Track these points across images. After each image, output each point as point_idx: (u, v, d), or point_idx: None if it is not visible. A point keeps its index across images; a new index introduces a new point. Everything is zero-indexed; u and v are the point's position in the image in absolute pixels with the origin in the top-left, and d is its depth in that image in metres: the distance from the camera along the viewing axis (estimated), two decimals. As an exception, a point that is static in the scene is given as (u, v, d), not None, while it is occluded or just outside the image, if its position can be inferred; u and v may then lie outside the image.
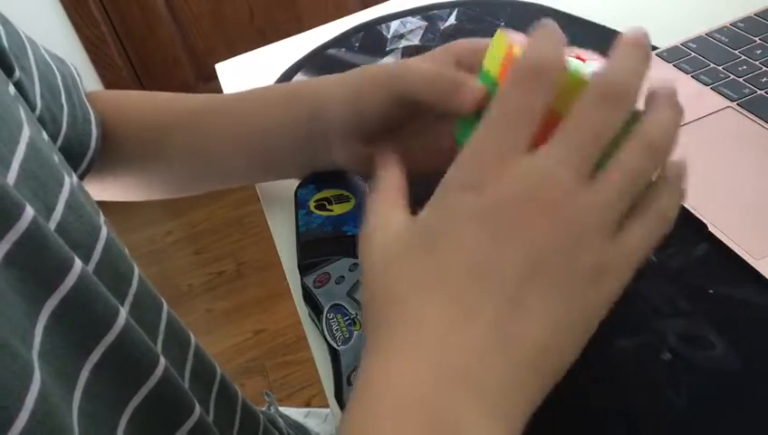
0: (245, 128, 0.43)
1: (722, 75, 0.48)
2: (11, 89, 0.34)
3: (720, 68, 0.48)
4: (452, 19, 0.65)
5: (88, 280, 0.28)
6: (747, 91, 0.46)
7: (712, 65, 0.49)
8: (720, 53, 0.50)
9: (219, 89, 0.62)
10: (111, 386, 0.29)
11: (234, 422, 0.42)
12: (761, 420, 0.30)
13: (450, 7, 0.67)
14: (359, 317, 0.35)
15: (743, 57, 0.49)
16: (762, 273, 0.35)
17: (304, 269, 0.39)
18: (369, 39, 0.65)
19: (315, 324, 0.38)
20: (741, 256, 0.36)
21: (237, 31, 1.95)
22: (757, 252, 0.36)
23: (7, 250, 0.25)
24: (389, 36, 0.64)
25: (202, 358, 0.40)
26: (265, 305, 1.60)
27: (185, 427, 0.34)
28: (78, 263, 0.28)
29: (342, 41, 0.65)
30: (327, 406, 0.40)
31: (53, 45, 0.46)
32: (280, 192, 0.48)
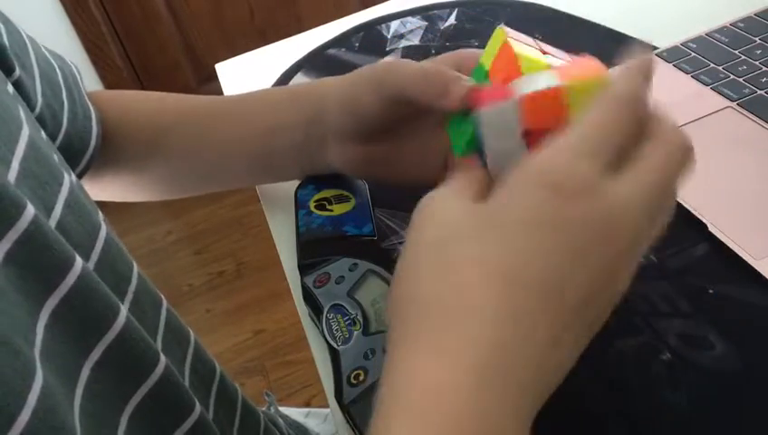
0: (244, 130, 0.43)
1: (722, 75, 0.48)
2: (10, 88, 0.34)
3: (720, 68, 0.48)
4: (452, 19, 0.65)
5: (88, 278, 0.28)
6: (747, 91, 0.46)
7: (712, 65, 0.49)
8: (720, 53, 0.50)
9: (219, 89, 0.62)
10: (112, 384, 0.29)
11: (234, 421, 0.42)
12: (761, 420, 0.30)
13: (450, 7, 0.67)
14: (358, 317, 0.35)
15: (743, 57, 0.49)
16: (762, 273, 0.35)
17: (304, 269, 0.39)
18: (369, 39, 0.65)
19: (315, 324, 0.38)
20: (741, 256, 0.36)
21: (237, 31, 1.95)
22: (757, 252, 0.36)
23: (8, 249, 0.25)
24: (389, 36, 0.64)
25: (201, 356, 0.40)
26: (265, 305, 1.60)
27: (185, 425, 0.34)
28: (79, 261, 0.28)
29: (342, 41, 0.65)
30: (327, 406, 0.40)
31: (53, 45, 0.46)
32: (280, 192, 0.48)
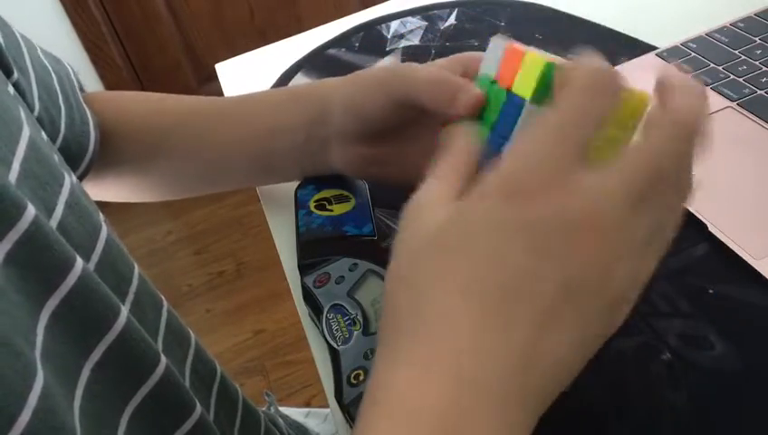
0: (245, 131, 0.43)
1: (722, 75, 0.48)
2: (10, 89, 0.34)
3: (720, 68, 0.48)
4: (452, 19, 0.65)
5: (89, 279, 0.28)
6: (747, 91, 0.46)
7: (712, 65, 0.49)
8: (720, 53, 0.50)
9: (219, 89, 0.62)
10: (112, 385, 0.29)
11: (235, 421, 0.42)
12: (761, 420, 0.30)
13: (450, 7, 0.67)
14: (358, 317, 0.35)
15: (743, 57, 0.49)
16: (762, 273, 0.35)
17: (304, 269, 0.39)
18: (369, 39, 0.65)
19: (315, 324, 0.38)
20: (741, 256, 0.36)
21: (237, 31, 1.95)
22: (757, 252, 0.36)
23: (9, 249, 0.25)
24: (389, 36, 0.64)
25: (202, 357, 0.40)
26: (265, 305, 1.60)
27: (185, 426, 0.34)
28: (79, 262, 0.28)
29: (342, 41, 0.65)
30: (327, 406, 0.40)
31: (53, 45, 0.46)
32: (280, 192, 0.48)
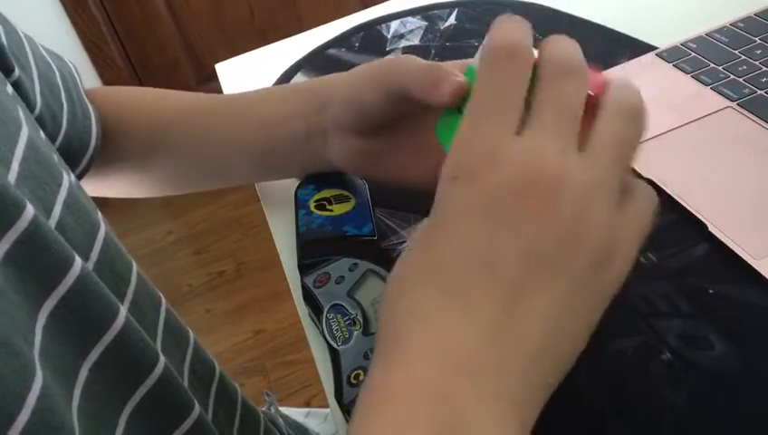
0: (245, 124, 0.44)
1: (722, 75, 0.48)
2: (9, 89, 0.34)
3: (720, 68, 0.48)
4: (452, 19, 0.65)
5: (88, 279, 0.28)
6: (747, 91, 0.46)
7: (712, 65, 0.49)
8: (720, 53, 0.50)
9: (219, 89, 0.62)
10: (111, 385, 0.29)
11: (233, 421, 0.42)
12: (761, 420, 0.30)
13: (450, 7, 0.67)
14: (358, 317, 0.35)
15: (743, 57, 0.49)
16: (762, 273, 0.35)
17: (304, 269, 0.39)
18: (369, 39, 0.65)
19: (315, 324, 0.38)
20: (741, 256, 0.36)
21: (237, 31, 1.95)
22: (757, 252, 0.36)
23: (8, 249, 0.25)
24: (389, 36, 0.64)
25: (201, 356, 0.40)
26: (265, 305, 1.60)
27: (184, 426, 0.33)
28: (78, 261, 0.28)
29: (342, 41, 0.65)
30: (327, 406, 0.40)
31: (53, 45, 0.46)
32: (280, 192, 0.48)
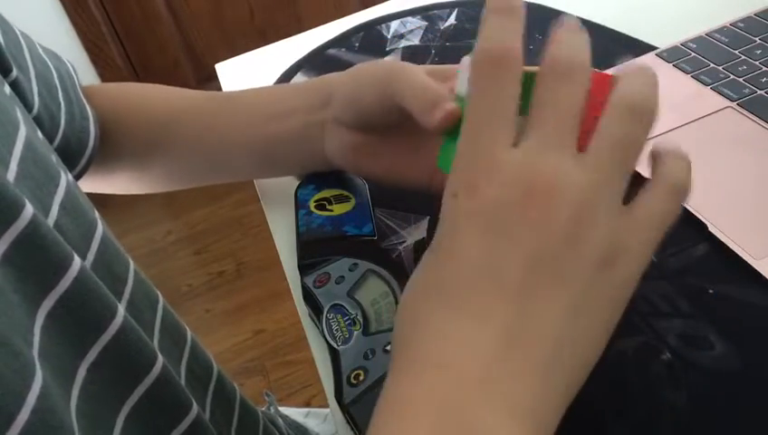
0: (245, 119, 0.44)
1: (722, 75, 0.48)
2: (6, 89, 0.34)
3: (720, 68, 0.48)
4: (452, 19, 0.65)
5: (86, 279, 0.28)
6: (747, 91, 0.46)
7: (712, 65, 0.49)
8: (720, 53, 0.50)
9: (219, 89, 0.62)
10: (109, 385, 0.29)
11: (232, 421, 0.42)
12: (761, 420, 0.30)
13: (450, 7, 0.67)
14: (358, 317, 0.35)
15: (743, 57, 0.49)
16: (762, 273, 0.35)
17: (304, 269, 0.39)
18: (369, 39, 0.65)
19: (315, 324, 0.38)
20: (741, 256, 0.36)
21: (237, 31, 1.95)
22: (757, 252, 0.36)
23: (6, 249, 0.25)
24: (389, 36, 0.64)
25: (198, 355, 0.40)
26: (265, 305, 1.60)
27: (182, 426, 0.33)
28: (77, 261, 0.28)
29: (342, 41, 0.65)
30: (327, 406, 0.40)
31: (53, 45, 0.46)
32: (280, 192, 0.48)
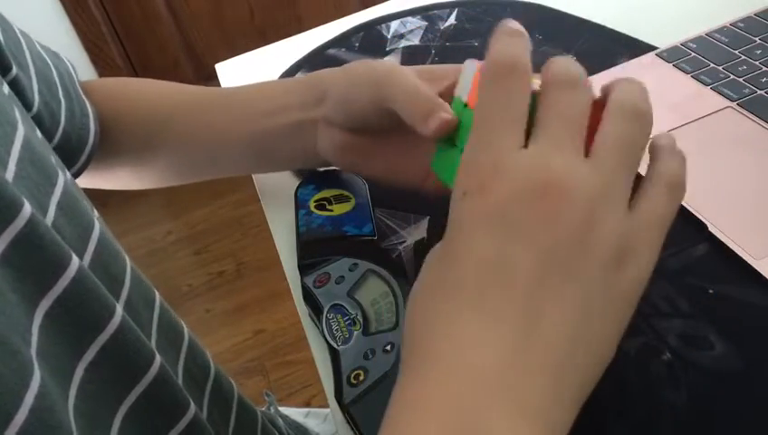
0: (242, 117, 0.44)
1: (722, 75, 0.48)
2: (5, 89, 0.34)
3: (720, 68, 0.48)
4: (452, 19, 0.65)
5: (84, 279, 0.28)
6: (747, 91, 0.46)
7: (712, 65, 0.49)
8: (720, 53, 0.50)
9: (219, 89, 0.62)
10: (106, 384, 0.29)
11: (229, 420, 0.42)
12: (761, 420, 0.30)
13: (450, 7, 0.67)
14: (358, 317, 0.35)
15: (743, 57, 0.49)
16: (762, 273, 0.35)
17: (304, 269, 0.39)
18: (369, 39, 0.65)
19: (315, 324, 0.38)
20: (741, 256, 0.36)
21: (237, 31, 1.95)
22: (757, 252, 0.36)
23: (5, 248, 0.25)
24: (389, 36, 0.64)
25: (195, 354, 0.40)
26: (265, 305, 1.60)
27: (179, 425, 0.33)
28: (75, 261, 0.28)
29: (342, 41, 0.65)
30: (327, 406, 0.40)
31: (53, 45, 0.46)
32: (280, 192, 0.48)
